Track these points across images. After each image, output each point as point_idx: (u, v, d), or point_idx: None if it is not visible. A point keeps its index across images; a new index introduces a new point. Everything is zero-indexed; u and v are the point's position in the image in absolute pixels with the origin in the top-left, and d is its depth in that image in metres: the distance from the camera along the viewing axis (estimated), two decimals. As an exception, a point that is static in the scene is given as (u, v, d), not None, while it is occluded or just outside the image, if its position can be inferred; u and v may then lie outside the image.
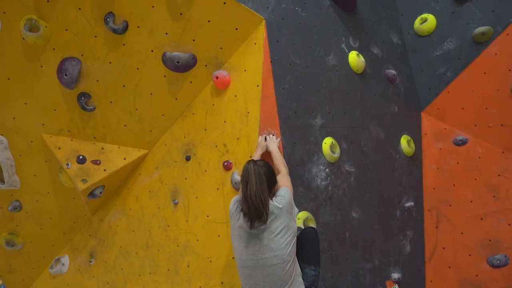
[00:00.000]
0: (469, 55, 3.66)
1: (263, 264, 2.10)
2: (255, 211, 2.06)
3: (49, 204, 3.44)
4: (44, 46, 2.89)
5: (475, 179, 3.56)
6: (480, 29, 3.57)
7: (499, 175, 3.47)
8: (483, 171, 3.55)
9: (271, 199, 2.20)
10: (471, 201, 3.54)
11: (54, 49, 2.91)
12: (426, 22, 3.90)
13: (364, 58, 3.55)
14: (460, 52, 3.72)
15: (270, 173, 2.28)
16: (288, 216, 2.18)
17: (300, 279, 2.22)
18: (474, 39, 3.63)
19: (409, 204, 3.63)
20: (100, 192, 3.28)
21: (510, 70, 3.42)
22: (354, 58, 3.44)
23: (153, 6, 2.86)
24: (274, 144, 2.65)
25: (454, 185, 3.65)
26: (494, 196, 3.45)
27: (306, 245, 2.36)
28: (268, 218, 2.11)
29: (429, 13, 3.92)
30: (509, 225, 3.35)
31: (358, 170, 3.31)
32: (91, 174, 3.17)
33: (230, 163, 2.87)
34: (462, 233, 3.53)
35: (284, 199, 2.20)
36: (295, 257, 2.22)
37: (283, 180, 2.39)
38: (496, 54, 3.51)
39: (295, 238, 2.22)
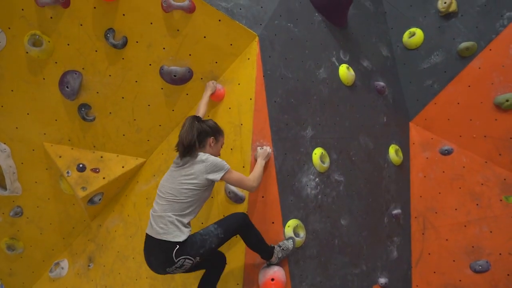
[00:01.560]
0: (455, 68, 3.82)
1: (164, 191, 2.43)
2: (182, 147, 2.45)
3: (49, 210, 3.56)
4: (46, 59, 3.02)
5: (460, 188, 3.71)
6: (464, 44, 3.73)
7: (482, 184, 3.62)
8: (467, 180, 3.70)
9: (201, 151, 2.50)
10: (456, 209, 3.69)
11: (56, 62, 3.04)
12: (414, 36, 4.06)
13: (354, 71, 3.70)
14: (446, 65, 3.88)
15: (205, 127, 2.53)
16: (202, 171, 2.40)
17: (182, 226, 2.35)
18: (459, 53, 3.79)
19: (397, 211, 3.77)
20: (99, 199, 3.41)
21: (492, 84, 3.58)
22: (344, 71, 3.59)
23: (151, 23, 3.00)
24: (261, 157, 2.80)
25: (440, 193, 3.80)
26: (477, 205, 3.60)
27: (227, 216, 2.61)
28: (189, 157, 2.44)
29: (417, 27, 4.08)
30: (491, 232, 3.50)
31: (347, 179, 3.45)
32: (90, 182, 3.29)
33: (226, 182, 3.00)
34: (446, 239, 3.68)
35: (212, 159, 2.44)
36: (190, 208, 2.40)
37: (237, 173, 2.54)
38: (479, 68, 3.67)
39: (198, 191, 2.41)
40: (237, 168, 2.93)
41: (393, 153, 3.86)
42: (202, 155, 2.45)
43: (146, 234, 2.42)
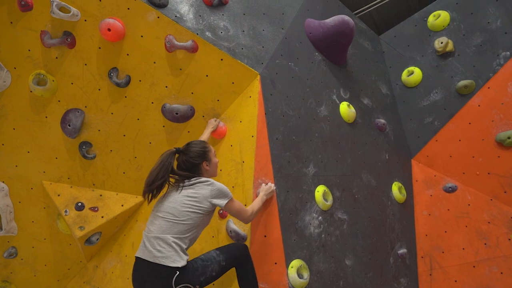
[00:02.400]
0: (454, 106, 3.86)
1: (162, 211, 2.31)
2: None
3: (44, 251, 3.45)
4: (50, 98, 3.05)
5: (466, 226, 3.63)
6: (463, 82, 3.78)
7: (489, 222, 3.54)
8: (473, 218, 3.63)
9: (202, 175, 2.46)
10: (463, 248, 3.58)
11: (59, 101, 3.07)
12: (413, 74, 4.13)
13: (355, 109, 3.73)
14: (446, 103, 3.92)
15: (190, 158, 2.45)
16: (207, 195, 2.33)
17: (181, 252, 2.22)
18: (458, 91, 3.84)
19: (402, 251, 3.67)
20: (97, 239, 3.32)
21: (493, 121, 3.60)
22: (345, 109, 3.62)
23: (154, 62, 3.06)
24: (263, 192, 2.76)
25: (446, 231, 3.71)
26: (485, 244, 3.50)
27: (228, 244, 2.54)
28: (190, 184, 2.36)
29: (415, 66, 4.16)
30: (501, 273, 3.38)
31: (351, 217, 3.38)
32: (88, 221, 3.22)
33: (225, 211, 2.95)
34: (455, 281, 3.55)
35: (218, 185, 2.38)
36: (189, 232, 2.28)
37: (238, 203, 2.48)
38: (479, 105, 3.70)
39: (200, 215, 2.31)
40: (238, 206, 2.88)
41: (396, 190, 3.81)
42: (207, 179, 2.38)
43: (137, 258, 2.24)
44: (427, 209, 3.87)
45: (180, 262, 2.15)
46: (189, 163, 2.44)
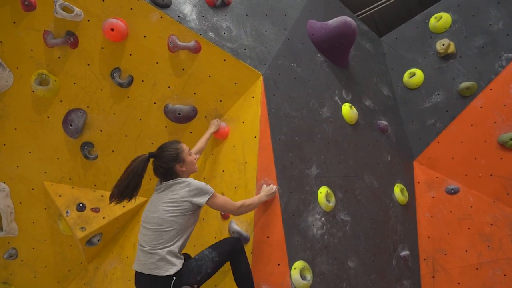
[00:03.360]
0: (456, 107, 3.86)
1: (149, 222, 2.31)
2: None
3: (45, 252, 3.43)
4: (52, 98, 3.04)
5: (469, 228, 3.62)
6: (465, 84, 3.79)
7: (491, 224, 3.53)
8: (476, 220, 3.61)
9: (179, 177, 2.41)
10: (466, 251, 3.57)
11: (61, 101, 3.06)
12: (414, 76, 4.14)
13: (357, 110, 3.73)
14: (448, 104, 3.92)
15: (163, 164, 2.41)
16: (186, 195, 2.32)
17: (174, 258, 2.26)
18: (460, 93, 3.84)
19: (405, 253, 3.65)
20: (98, 240, 3.30)
21: (495, 123, 3.60)
22: (347, 110, 3.61)
23: (157, 62, 3.05)
24: (264, 192, 2.76)
25: (448, 234, 3.69)
26: (488, 246, 3.49)
27: (220, 240, 2.58)
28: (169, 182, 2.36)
29: (417, 68, 4.16)
30: (505, 275, 3.36)
31: (353, 219, 3.37)
32: (90, 222, 3.20)
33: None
34: (458, 283, 3.53)
35: (196, 184, 2.37)
36: (178, 236, 2.30)
37: (222, 197, 2.49)
38: (481, 107, 3.70)
39: (183, 216, 2.31)
40: (241, 207, 2.86)
41: (399, 192, 3.80)
42: (184, 180, 2.38)
43: (136, 271, 2.31)
44: (429, 211, 3.86)
45: (174, 269, 2.22)
46: (163, 168, 2.41)
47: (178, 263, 2.25)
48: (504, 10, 3.70)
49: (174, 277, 2.21)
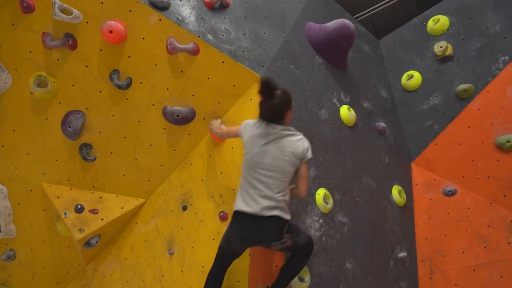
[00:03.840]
0: (454, 109, 3.88)
1: (269, 168, 2.34)
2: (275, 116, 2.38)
3: (43, 253, 3.43)
4: (51, 100, 3.04)
5: (466, 230, 3.63)
6: (462, 86, 3.80)
7: (488, 226, 3.55)
8: (473, 222, 3.63)
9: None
10: (463, 252, 3.58)
11: (60, 103, 3.06)
12: (413, 78, 4.15)
13: (355, 112, 3.74)
14: (445, 106, 3.94)
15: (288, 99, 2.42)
16: (304, 150, 2.42)
17: (286, 207, 2.39)
18: (457, 95, 3.86)
19: (402, 254, 3.66)
20: (96, 242, 3.30)
21: (492, 125, 3.61)
22: (346, 112, 3.63)
23: (156, 64, 3.06)
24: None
25: (445, 235, 3.71)
26: (485, 247, 3.51)
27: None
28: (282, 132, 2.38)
29: (415, 70, 4.18)
30: (501, 277, 3.38)
31: (351, 220, 3.38)
32: (88, 223, 3.20)
33: (226, 213, 2.94)
34: (456, 284, 3.55)
35: (307, 143, 2.46)
36: (286, 189, 2.40)
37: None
38: (478, 109, 3.72)
39: (294, 170, 2.42)
40: (239, 209, 2.87)
41: (397, 194, 3.81)
42: (299, 134, 2.45)
43: (245, 213, 2.32)
44: (427, 213, 3.87)
45: (288, 216, 2.38)
46: (279, 108, 2.36)
47: (289, 215, 2.39)
48: (501, 13, 3.72)
49: (287, 224, 2.37)
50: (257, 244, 2.48)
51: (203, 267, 2.94)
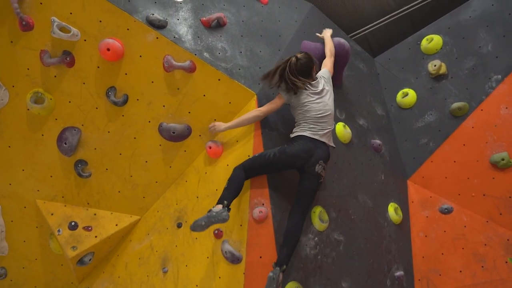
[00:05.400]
0: (449, 127, 3.89)
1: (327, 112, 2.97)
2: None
3: (35, 271, 3.38)
4: (47, 116, 3.05)
5: (463, 248, 3.61)
6: (456, 104, 3.84)
7: (485, 244, 3.52)
8: (469, 240, 3.61)
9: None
10: (460, 271, 3.55)
11: (56, 119, 3.07)
12: (407, 96, 4.19)
13: (351, 129, 3.76)
14: (440, 124, 3.96)
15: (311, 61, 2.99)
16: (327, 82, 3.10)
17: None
18: (452, 113, 3.89)
19: (399, 273, 3.62)
20: (89, 259, 3.26)
21: (487, 143, 3.63)
22: (341, 129, 3.64)
23: (152, 82, 3.09)
24: (328, 33, 3.54)
25: (442, 254, 3.68)
26: (482, 267, 3.47)
27: None
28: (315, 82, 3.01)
29: (409, 88, 4.22)
30: (499, 296, 3.34)
31: (347, 238, 3.35)
32: (81, 241, 3.17)
33: (221, 231, 2.92)
34: (453, 304, 3.50)
35: (324, 73, 3.14)
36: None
37: (326, 62, 3.28)
38: (473, 127, 3.74)
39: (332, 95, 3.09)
40: (235, 226, 2.86)
41: (393, 211, 3.79)
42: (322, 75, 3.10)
43: (312, 138, 2.86)
44: (423, 231, 3.85)
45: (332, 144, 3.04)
46: (310, 66, 2.96)
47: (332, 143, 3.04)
48: (493, 33, 3.79)
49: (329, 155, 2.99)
50: (302, 161, 2.83)
51: (197, 286, 2.90)
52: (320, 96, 2.94)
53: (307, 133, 2.88)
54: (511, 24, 3.72)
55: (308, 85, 2.92)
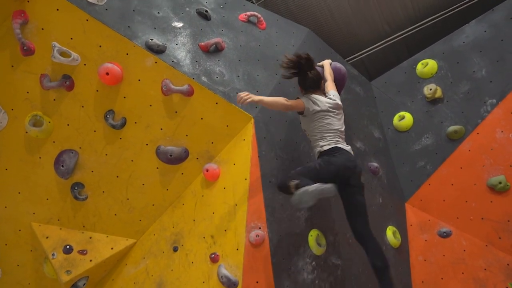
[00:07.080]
0: (445, 150, 3.91)
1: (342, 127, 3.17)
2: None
3: (28, 296, 3.32)
4: (45, 139, 3.07)
5: (463, 273, 3.56)
6: (452, 128, 3.87)
7: (485, 269, 3.48)
8: (469, 265, 3.56)
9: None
10: (461, 297, 3.49)
11: (54, 142, 3.09)
12: (404, 119, 4.23)
13: (348, 152, 3.77)
14: (437, 147, 3.98)
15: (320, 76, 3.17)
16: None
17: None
18: (448, 136, 3.91)
19: (399, 298, 3.56)
20: (84, 284, 3.21)
21: (484, 166, 3.64)
22: (338, 152, 3.65)
23: (150, 105, 3.12)
24: (327, 61, 3.55)
25: (442, 278, 3.63)
26: (482, 292, 3.42)
27: None
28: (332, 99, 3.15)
29: (406, 111, 4.26)
30: (501, 323, 3.28)
31: (345, 262, 3.31)
32: (76, 265, 3.13)
33: (217, 255, 2.89)
34: (454, 331, 3.43)
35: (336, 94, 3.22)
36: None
37: (330, 85, 3.30)
38: (469, 150, 3.76)
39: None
40: (231, 250, 2.83)
41: (391, 235, 3.76)
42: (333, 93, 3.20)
43: (346, 150, 2.94)
44: (422, 255, 3.81)
45: None
46: (320, 78, 3.14)
47: None
48: (486, 58, 3.86)
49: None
50: (350, 172, 2.84)
51: (192, 311, 2.85)
52: (340, 111, 3.13)
53: (340, 145, 2.93)
54: (504, 49, 3.80)
55: (331, 97, 3.10)
